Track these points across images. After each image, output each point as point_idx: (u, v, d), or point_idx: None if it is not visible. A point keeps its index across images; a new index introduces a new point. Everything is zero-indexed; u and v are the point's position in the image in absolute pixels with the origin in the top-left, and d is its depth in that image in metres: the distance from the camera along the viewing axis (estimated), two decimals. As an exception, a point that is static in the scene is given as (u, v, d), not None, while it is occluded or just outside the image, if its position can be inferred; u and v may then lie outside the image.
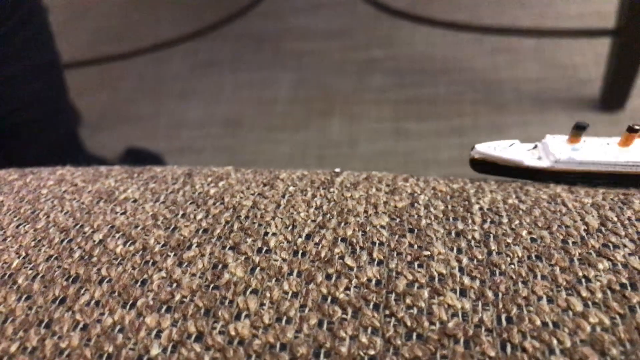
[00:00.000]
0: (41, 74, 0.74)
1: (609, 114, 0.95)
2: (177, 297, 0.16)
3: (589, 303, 0.15)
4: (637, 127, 0.21)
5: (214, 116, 1.12)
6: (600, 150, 0.22)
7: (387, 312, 0.15)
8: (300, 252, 0.18)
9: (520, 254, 0.17)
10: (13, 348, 0.15)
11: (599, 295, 0.16)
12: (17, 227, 0.20)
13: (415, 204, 0.20)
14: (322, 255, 0.17)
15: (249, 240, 0.18)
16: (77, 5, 1.57)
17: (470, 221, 0.19)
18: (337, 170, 0.24)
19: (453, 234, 0.18)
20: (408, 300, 0.16)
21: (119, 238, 0.19)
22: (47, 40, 0.75)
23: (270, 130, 1.06)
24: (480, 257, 0.17)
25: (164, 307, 0.16)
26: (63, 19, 1.47)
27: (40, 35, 0.73)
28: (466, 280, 0.16)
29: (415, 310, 0.15)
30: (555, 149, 0.22)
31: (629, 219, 0.19)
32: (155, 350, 0.15)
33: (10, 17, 0.67)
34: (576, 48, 1.09)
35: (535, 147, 0.23)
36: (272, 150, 1.00)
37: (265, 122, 1.08)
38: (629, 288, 0.16)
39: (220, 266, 0.17)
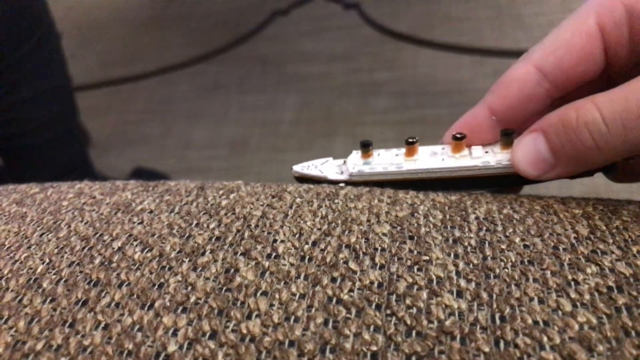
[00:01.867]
0: (53, 98, 0.76)
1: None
2: (192, 299, 0.17)
3: (578, 304, 0.16)
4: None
5: (221, 137, 1.14)
6: (388, 161, 0.24)
7: (388, 311, 0.17)
8: (307, 257, 0.19)
9: (513, 259, 0.18)
10: (39, 346, 0.17)
11: (587, 296, 0.17)
12: (41, 236, 0.21)
13: (415, 214, 0.21)
14: (328, 260, 0.19)
15: (259, 247, 0.19)
16: (87, 29, 1.61)
17: (466, 229, 0.20)
18: (342, 184, 0.26)
19: (450, 241, 0.19)
20: (408, 301, 0.17)
21: (136, 245, 0.20)
22: (59, 65, 0.77)
23: (275, 150, 1.07)
24: (475, 261, 0.18)
25: (180, 308, 0.17)
26: (74, 43, 1.50)
27: (52, 60, 0.75)
28: (462, 282, 0.17)
29: (414, 310, 0.17)
30: (350, 164, 0.25)
31: (617, 227, 0.20)
32: (172, 348, 0.16)
33: (24, 42, 0.69)
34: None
35: (344, 162, 0.25)
36: (277, 171, 1.01)
37: (270, 143, 1.10)
38: (616, 290, 0.17)
39: (232, 270, 0.18)
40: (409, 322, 0.16)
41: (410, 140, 0.24)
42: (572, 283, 0.17)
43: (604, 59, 0.21)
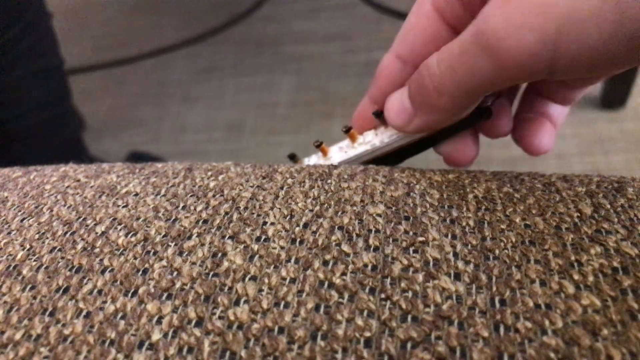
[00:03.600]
0: (46, 79, 0.75)
1: (610, 112, 0.95)
2: (178, 285, 0.17)
3: (581, 286, 0.16)
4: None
5: (216, 120, 1.13)
6: (340, 153, 0.26)
7: (382, 295, 0.16)
8: (298, 240, 0.18)
9: (513, 240, 0.17)
10: (18, 336, 0.16)
11: (591, 278, 0.16)
12: (22, 221, 0.21)
13: (411, 193, 0.20)
14: (319, 242, 0.18)
15: (248, 230, 0.19)
16: (80, 12, 1.58)
17: (465, 209, 0.19)
18: (335, 163, 0.25)
19: (448, 221, 0.18)
20: (403, 284, 0.16)
21: (120, 230, 0.19)
22: (51, 46, 0.76)
23: (272, 133, 1.06)
24: (474, 242, 0.17)
25: (165, 295, 0.16)
26: (67, 26, 1.48)
27: (44, 41, 0.74)
28: (460, 264, 0.17)
29: (410, 294, 0.16)
30: (312, 161, 0.27)
31: (622, 206, 0.19)
32: (156, 336, 0.15)
33: (15, 23, 0.68)
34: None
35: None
36: (274, 153, 1.00)
37: (266, 125, 1.09)
38: (621, 272, 0.16)
39: (219, 255, 0.18)
40: (404, 306, 0.15)
41: (317, 144, 0.26)
42: (576, 264, 0.16)
43: (451, 34, 0.22)
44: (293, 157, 0.27)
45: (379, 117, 0.24)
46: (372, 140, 0.25)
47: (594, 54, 0.16)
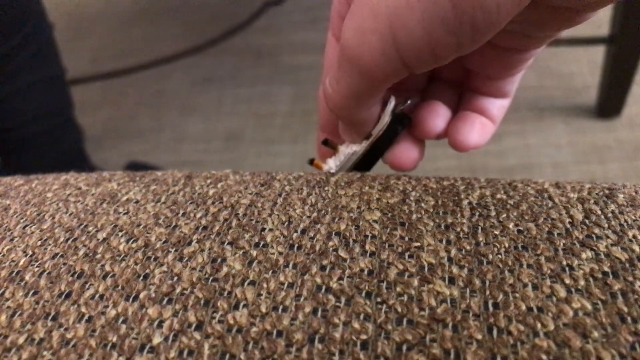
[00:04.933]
0: (47, 89, 0.76)
1: (605, 121, 0.96)
2: (178, 290, 0.17)
3: (572, 290, 0.16)
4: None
5: (215, 130, 1.13)
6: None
7: (378, 299, 0.16)
8: (296, 245, 0.18)
9: (507, 245, 0.18)
10: (21, 340, 0.16)
11: (582, 282, 0.16)
12: (24, 228, 0.21)
13: (407, 200, 0.20)
14: (317, 248, 0.18)
15: (247, 236, 0.19)
16: (79, 23, 1.59)
17: (459, 215, 0.19)
18: (333, 171, 0.25)
19: (442, 227, 0.19)
20: (399, 288, 0.16)
21: (121, 236, 0.20)
22: (52, 56, 0.77)
23: (270, 143, 1.07)
24: (468, 247, 0.18)
25: (166, 299, 0.17)
26: (65, 37, 1.48)
27: (45, 51, 0.75)
28: (455, 269, 0.17)
29: (405, 298, 0.16)
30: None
31: (612, 212, 0.19)
32: (157, 339, 0.16)
33: (16, 33, 0.68)
34: (572, 56, 1.10)
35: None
36: (272, 163, 1.00)
37: (264, 135, 1.09)
38: (611, 276, 0.16)
39: (219, 260, 0.18)
40: (399, 310, 0.16)
41: (311, 160, 0.28)
42: (567, 269, 0.17)
43: None
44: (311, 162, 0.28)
45: (327, 144, 0.27)
46: (330, 164, 0.27)
47: (424, 42, 0.18)
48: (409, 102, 0.25)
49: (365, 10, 0.18)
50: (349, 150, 0.26)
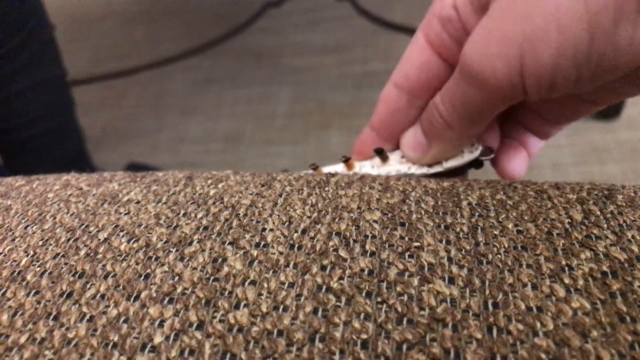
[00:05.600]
0: (48, 90, 0.76)
1: (605, 122, 0.96)
2: (179, 289, 0.17)
3: (572, 289, 0.16)
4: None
5: (215, 131, 1.13)
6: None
7: (379, 299, 0.16)
8: (297, 245, 0.18)
9: (506, 245, 0.18)
10: (23, 339, 0.16)
11: (581, 282, 0.16)
12: (25, 228, 0.21)
13: (407, 200, 0.20)
14: (317, 248, 0.18)
15: (248, 236, 0.19)
16: (79, 24, 1.60)
17: (459, 215, 0.19)
18: (333, 172, 0.25)
19: (442, 227, 0.19)
20: (399, 288, 0.17)
21: (123, 236, 0.20)
22: (53, 57, 0.77)
23: (270, 144, 1.07)
24: (468, 247, 0.18)
25: (167, 299, 0.17)
26: (66, 38, 1.49)
27: (46, 52, 0.75)
28: (454, 269, 0.17)
29: (405, 297, 0.16)
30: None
31: (612, 212, 0.19)
32: (158, 339, 0.16)
33: (18, 34, 0.68)
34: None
35: None
36: (272, 164, 1.01)
37: (264, 136, 1.09)
38: (610, 276, 0.17)
39: (220, 260, 0.18)
40: (400, 309, 0.16)
41: (313, 166, 0.28)
42: (566, 268, 0.17)
43: (444, 62, 0.25)
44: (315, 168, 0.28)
45: (380, 154, 0.26)
46: (367, 169, 0.27)
47: (548, 72, 0.19)
48: (492, 155, 0.26)
49: (496, 35, 0.19)
50: (405, 168, 0.26)
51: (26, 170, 0.78)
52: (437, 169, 0.25)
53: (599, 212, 0.19)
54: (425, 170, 0.25)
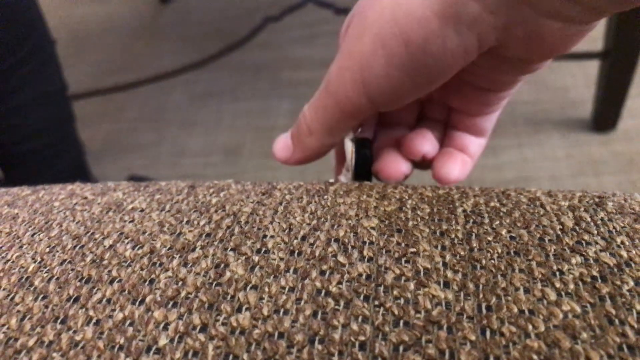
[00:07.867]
0: (48, 104, 0.76)
1: (601, 134, 0.97)
2: (183, 294, 0.18)
3: (562, 293, 0.17)
4: None
5: (214, 144, 1.14)
6: None
7: (376, 302, 0.17)
8: (297, 251, 0.19)
9: (499, 250, 0.19)
10: (31, 342, 0.17)
11: (572, 286, 0.17)
12: (32, 235, 0.22)
13: (403, 208, 0.21)
14: (317, 254, 0.19)
15: (249, 242, 0.20)
16: (80, 38, 1.61)
17: (454, 222, 0.20)
18: (331, 180, 0.26)
19: (438, 234, 0.20)
20: (395, 292, 0.17)
21: (127, 243, 0.20)
22: (54, 71, 0.78)
23: (269, 157, 1.07)
24: (462, 253, 0.19)
25: (171, 303, 0.17)
26: (67, 52, 1.50)
27: (47, 66, 0.75)
28: (449, 273, 0.18)
29: (402, 301, 0.17)
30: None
31: (602, 219, 0.20)
32: (163, 341, 0.16)
33: (19, 48, 0.69)
34: (567, 70, 1.11)
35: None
36: (271, 176, 1.01)
37: (264, 149, 1.10)
38: (600, 280, 0.17)
39: (222, 265, 0.19)
40: (396, 312, 0.16)
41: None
42: (557, 273, 0.17)
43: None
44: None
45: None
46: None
47: (384, 82, 0.22)
48: (359, 129, 0.29)
49: (344, 51, 0.23)
50: (343, 178, 0.30)
51: (26, 183, 0.78)
52: (352, 169, 0.28)
53: (589, 219, 0.20)
54: (349, 174, 0.29)
